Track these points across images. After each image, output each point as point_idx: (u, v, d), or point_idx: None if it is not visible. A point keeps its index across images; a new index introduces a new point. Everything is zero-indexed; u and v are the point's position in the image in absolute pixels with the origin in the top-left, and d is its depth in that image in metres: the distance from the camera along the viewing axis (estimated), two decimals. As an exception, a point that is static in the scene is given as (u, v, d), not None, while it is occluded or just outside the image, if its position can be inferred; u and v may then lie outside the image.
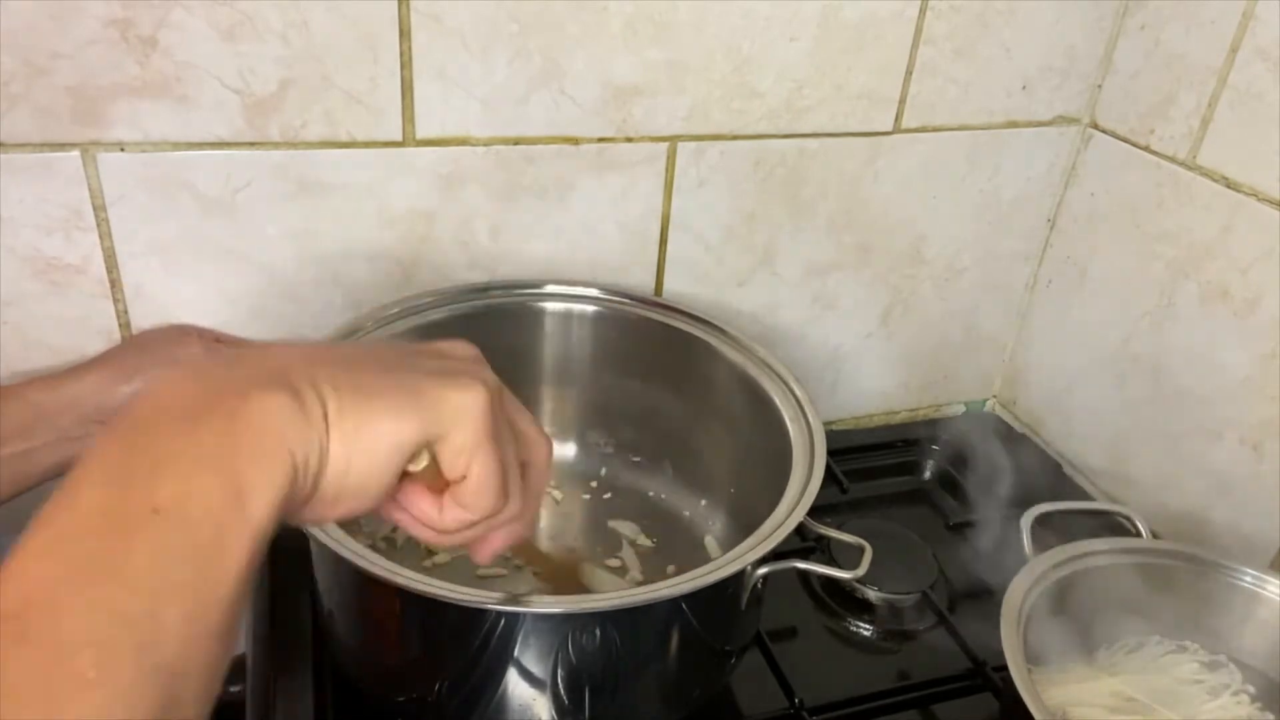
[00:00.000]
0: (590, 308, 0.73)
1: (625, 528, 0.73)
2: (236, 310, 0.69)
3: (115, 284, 0.65)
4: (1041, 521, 0.69)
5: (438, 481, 0.38)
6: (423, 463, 0.37)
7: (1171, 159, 0.76)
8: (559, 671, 0.51)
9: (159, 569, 0.27)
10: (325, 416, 0.32)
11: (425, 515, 0.38)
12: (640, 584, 0.68)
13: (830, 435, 0.61)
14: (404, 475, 0.36)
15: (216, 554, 0.29)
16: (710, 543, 0.72)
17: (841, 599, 0.73)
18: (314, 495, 0.33)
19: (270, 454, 0.30)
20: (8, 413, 0.57)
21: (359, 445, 0.33)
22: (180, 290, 0.67)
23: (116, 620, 0.26)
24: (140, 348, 0.64)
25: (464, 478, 0.37)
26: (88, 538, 0.27)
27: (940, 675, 0.67)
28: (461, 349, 0.41)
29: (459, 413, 0.36)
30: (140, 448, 0.29)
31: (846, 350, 0.89)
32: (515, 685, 0.52)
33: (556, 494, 0.76)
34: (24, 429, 0.57)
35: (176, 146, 0.62)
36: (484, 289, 0.71)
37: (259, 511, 0.30)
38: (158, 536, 0.28)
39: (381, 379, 0.35)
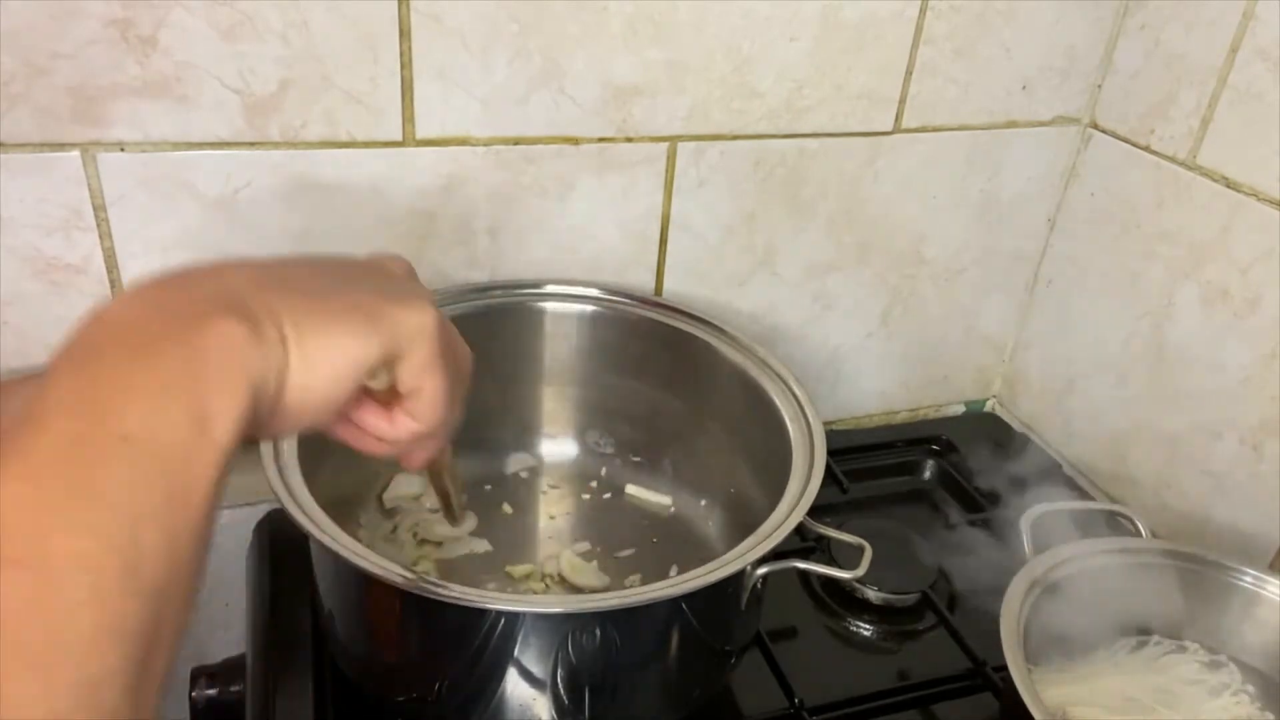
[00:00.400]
0: (590, 308, 0.73)
1: (625, 527, 0.73)
2: (236, 310, 0.69)
3: (115, 284, 0.65)
4: (1041, 521, 0.69)
5: (388, 396, 0.40)
6: (383, 380, 0.39)
7: (1171, 159, 0.76)
8: (559, 671, 0.51)
9: (134, 494, 0.28)
10: (283, 341, 0.33)
11: (377, 428, 0.41)
12: (640, 584, 0.68)
13: (830, 435, 0.61)
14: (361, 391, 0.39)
15: (185, 478, 0.29)
16: (710, 543, 0.72)
17: (841, 599, 0.73)
18: (275, 414, 0.34)
19: (230, 382, 0.31)
20: (6, 409, 0.57)
21: (321, 367, 0.34)
22: (180, 290, 0.67)
23: (101, 543, 0.27)
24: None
25: (417, 391, 0.39)
26: (62, 465, 0.28)
27: (940, 675, 0.67)
28: (396, 264, 0.43)
29: (415, 332, 0.38)
30: (102, 378, 0.30)
31: (846, 350, 0.89)
32: (515, 685, 0.52)
33: (556, 493, 0.76)
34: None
35: (176, 146, 0.62)
36: (484, 289, 0.71)
37: (222, 436, 0.31)
38: (130, 463, 0.28)
39: (336, 301, 0.36)
